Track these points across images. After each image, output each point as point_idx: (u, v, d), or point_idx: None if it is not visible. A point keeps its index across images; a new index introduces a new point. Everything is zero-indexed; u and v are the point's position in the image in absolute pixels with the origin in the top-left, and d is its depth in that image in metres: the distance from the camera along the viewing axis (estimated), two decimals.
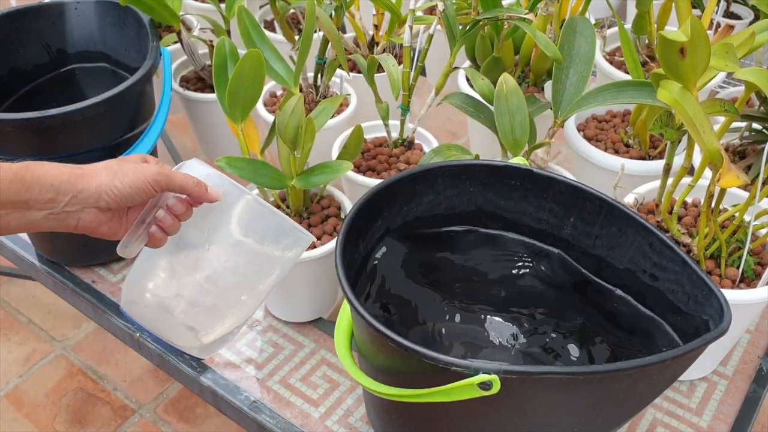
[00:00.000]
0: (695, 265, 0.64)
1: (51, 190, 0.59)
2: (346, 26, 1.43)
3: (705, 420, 0.81)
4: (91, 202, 0.61)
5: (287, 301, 0.91)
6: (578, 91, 0.86)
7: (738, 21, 1.37)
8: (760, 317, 0.93)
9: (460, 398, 0.55)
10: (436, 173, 0.75)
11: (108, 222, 0.63)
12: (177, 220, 0.66)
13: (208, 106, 1.15)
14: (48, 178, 0.59)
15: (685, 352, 0.55)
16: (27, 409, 1.41)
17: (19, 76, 1.05)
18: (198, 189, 0.65)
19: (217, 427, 1.38)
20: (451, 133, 1.48)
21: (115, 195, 0.61)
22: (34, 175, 0.58)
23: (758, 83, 0.66)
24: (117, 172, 0.62)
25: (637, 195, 0.86)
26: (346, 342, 0.68)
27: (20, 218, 0.59)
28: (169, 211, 0.65)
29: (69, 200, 0.60)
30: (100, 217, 0.62)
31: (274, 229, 0.71)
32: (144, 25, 1.01)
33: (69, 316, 1.60)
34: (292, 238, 0.72)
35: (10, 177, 0.57)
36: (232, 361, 0.88)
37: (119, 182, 0.61)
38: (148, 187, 0.62)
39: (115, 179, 0.61)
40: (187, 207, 0.66)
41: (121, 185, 0.61)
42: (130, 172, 0.62)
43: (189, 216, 0.67)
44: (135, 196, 0.62)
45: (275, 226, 0.71)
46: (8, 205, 0.58)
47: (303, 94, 0.83)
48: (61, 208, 0.60)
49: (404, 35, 0.93)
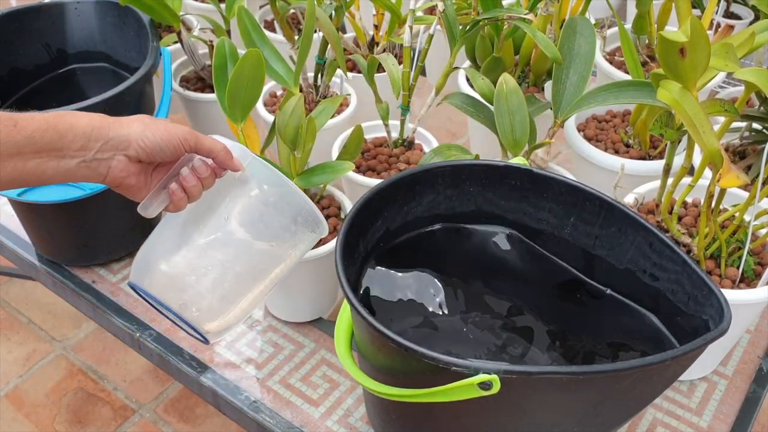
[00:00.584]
0: (695, 265, 0.64)
1: (83, 137, 0.60)
2: (346, 26, 1.43)
3: (705, 420, 0.81)
4: (121, 149, 0.62)
5: (287, 301, 0.91)
6: (578, 91, 0.86)
7: (738, 21, 1.37)
8: (760, 317, 0.93)
9: (460, 398, 0.55)
10: (436, 173, 0.75)
11: (136, 175, 0.64)
12: (200, 182, 0.66)
13: (208, 106, 1.15)
14: (80, 126, 0.60)
15: (685, 352, 0.55)
16: (27, 409, 1.41)
17: (20, 76, 1.05)
18: (225, 154, 0.65)
19: (217, 427, 1.38)
20: (451, 133, 1.47)
21: (146, 145, 0.62)
22: (66, 123, 0.60)
23: (758, 83, 0.66)
24: (149, 124, 0.63)
25: (637, 195, 0.86)
26: (346, 342, 0.68)
27: (56, 167, 0.60)
28: (193, 171, 0.66)
29: (100, 147, 0.61)
30: (129, 167, 0.63)
31: (295, 210, 0.70)
32: (144, 25, 1.01)
33: (69, 316, 1.60)
34: (312, 222, 0.71)
35: (44, 126, 0.59)
36: (232, 361, 0.88)
37: (151, 134, 0.62)
38: (178, 143, 0.63)
39: (147, 130, 0.62)
40: (210, 172, 0.66)
41: (153, 136, 0.62)
42: (162, 126, 0.63)
43: (211, 183, 0.67)
44: (165, 149, 0.63)
45: (296, 207, 0.70)
46: (44, 153, 0.59)
47: (303, 94, 0.83)
48: (92, 155, 0.61)
49: (404, 35, 0.93)
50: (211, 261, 0.69)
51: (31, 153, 0.59)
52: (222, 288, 0.70)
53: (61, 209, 0.94)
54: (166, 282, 0.69)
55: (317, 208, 0.71)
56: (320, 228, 0.72)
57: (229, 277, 0.70)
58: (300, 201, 0.70)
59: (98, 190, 0.89)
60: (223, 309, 0.71)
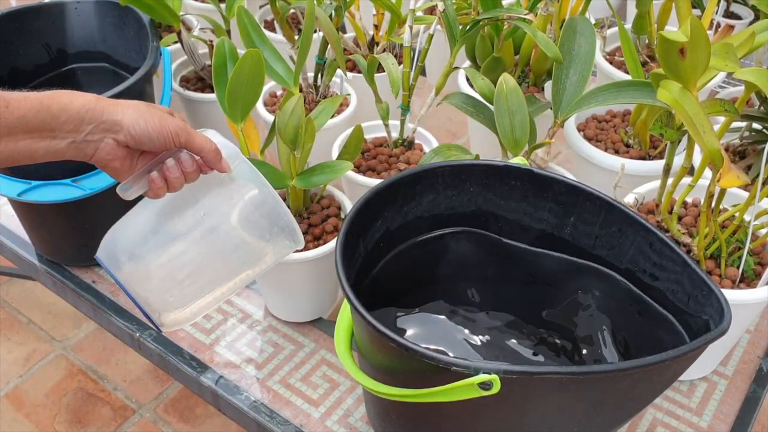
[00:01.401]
0: (695, 265, 0.64)
1: (76, 118, 0.60)
2: (346, 26, 1.43)
3: (705, 420, 0.81)
4: (111, 132, 0.61)
5: (287, 301, 0.91)
6: (578, 91, 0.86)
7: (738, 21, 1.37)
8: (760, 317, 0.93)
9: (460, 398, 0.55)
10: (436, 173, 0.75)
11: (121, 159, 0.63)
12: (183, 176, 0.65)
13: (208, 106, 1.15)
14: (75, 106, 0.60)
15: (685, 352, 0.55)
16: (27, 409, 1.41)
17: (20, 76, 1.05)
18: (214, 155, 0.65)
19: (217, 427, 1.38)
20: (451, 133, 1.47)
21: (136, 132, 0.62)
22: (60, 103, 0.59)
23: (758, 83, 0.66)
24: (144, 112, 0.62)
25: (637, 195, 0.86)
26: (346, 342, 0.68)
27: (47, 147, 0.60)
28: (178, 163, 0.65)
29: (92, 129, 0.61)
30: (116, 150, 0.62)
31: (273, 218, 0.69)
32: (144, 25, 1.01)
33: (69, 316, 1.60)
34: (288, 233, 0.70)
35: (37, 107, 0.58)
36: (232, 361, 0.88)
37: (144, 122, 0.62)
38: (169, 136, 0.63)
39: (140, 118, 0.62)
40: (196, 168, 0.66)
41: (145, 125, 0.62)
42: (157, 117, 0.62)
43: (195, 178, 0.66)
44: (155, 139, 0.62)
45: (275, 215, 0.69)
46: (35, 133, 0.59)
47: (303, 94, 0.83)
48: (83, 137, 0.61)
49: (404, 35, 0.93)
50: (179, 255, 0.68)
51: (22, 133, 0.58)
52: (185, 284, 0.69)
53: (61, 209, 0.93)
54: (131, 270, 0.68)
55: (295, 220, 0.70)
56: (296, 240, 0.71)
57: (193, 273, 0.69)
58: (280, 210, 0.69)
59: (98, 190, 0.89)
60: (182, 304, 0.70)
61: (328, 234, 0.88)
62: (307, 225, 0.88)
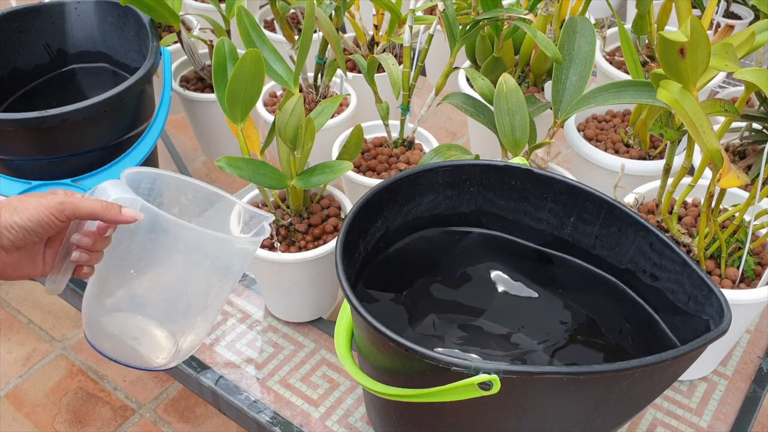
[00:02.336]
0: (695, 265, 0.64)
1: None
2: (346, 26, 1.43)
3: (705, 420, 0.81)
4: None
5: (287, 301, 0.91)
6: (578, 91, 0.86)
7: (738, 21, 1.37)
8: (760, 317, 0.93)
9: (460, 398, 0.55)
10: (436, 173, 0.75)
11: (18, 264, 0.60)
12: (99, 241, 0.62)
13: (208, 106, 1.15)
14: None
15: (685, 352, 0.55)
16: (27, 409, 1.41)
17: (20, 76, 1.06)
18: (108, 212, 0.60)
19: (217, 427, 1.38)
20: (451, 133, 1.47)
21: (16, 231, 0.58)
22: None
23: (758, 83, 0.66)
24: (16, 207, 0.58)
25: (637, 195, 0.86)
26: (346, 342, 0.68)
27: None
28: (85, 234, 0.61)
29: None
30: (5, 258, 0.59)
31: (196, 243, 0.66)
32: (144, 25, 1.01)
33: (69, 316, 1.60)
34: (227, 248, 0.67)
35: None
36: (232, 361, 0.88)
37: (18, 218, 0.58)
38: (50, 218, 0.58)
39: (14, 215, 0.58)
40: (96, 237, 0.62)
41: (21, 220, 0.57)
42: (31, 206, 0.58)
43: (106, 244, 0.63)
44: (38, 229, 0.58)
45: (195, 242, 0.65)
46: None
47: (303, 94, 0.83)
48: None
49: (404, 35, 0.93)
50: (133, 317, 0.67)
51: None
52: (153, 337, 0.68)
53: None
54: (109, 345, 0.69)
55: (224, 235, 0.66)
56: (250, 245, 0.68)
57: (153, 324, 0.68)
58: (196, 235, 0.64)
59: None
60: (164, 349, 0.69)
61: (328, 234, 0.88)
62: (307, 225, 0.88)
